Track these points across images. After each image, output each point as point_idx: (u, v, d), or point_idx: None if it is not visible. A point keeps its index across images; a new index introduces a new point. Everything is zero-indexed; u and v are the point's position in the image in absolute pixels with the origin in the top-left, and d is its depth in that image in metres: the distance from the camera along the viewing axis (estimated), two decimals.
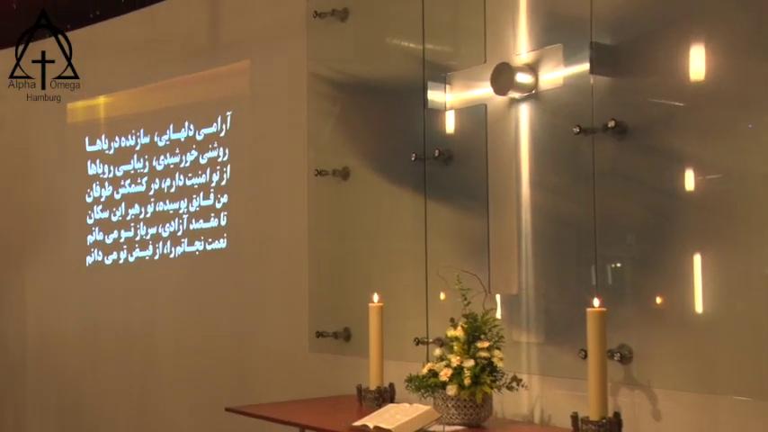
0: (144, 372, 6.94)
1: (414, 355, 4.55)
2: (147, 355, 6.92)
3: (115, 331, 7.20)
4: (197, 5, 6.58)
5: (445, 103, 4.69)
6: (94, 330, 7.39)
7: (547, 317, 4.19)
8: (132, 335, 7.04)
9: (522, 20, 4.32)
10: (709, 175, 3.63)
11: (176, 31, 6.75)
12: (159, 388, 6.82)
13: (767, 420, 3.35)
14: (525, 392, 4.09)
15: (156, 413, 6.83)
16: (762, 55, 3.44)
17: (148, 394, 6.90)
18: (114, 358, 7.21)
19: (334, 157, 5.36)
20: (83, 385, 7.45)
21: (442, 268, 4.39)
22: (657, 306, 3.75)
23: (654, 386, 3.70)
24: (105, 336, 7.30)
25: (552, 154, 4.19)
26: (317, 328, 5.36)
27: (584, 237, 4.01)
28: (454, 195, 4.65)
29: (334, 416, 4.16)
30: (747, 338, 3.45)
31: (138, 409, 6.95)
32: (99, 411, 7.31)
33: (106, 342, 7.29)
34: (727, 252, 3.55)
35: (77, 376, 7.50)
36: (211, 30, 6.50)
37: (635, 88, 3.87)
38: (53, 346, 7.74)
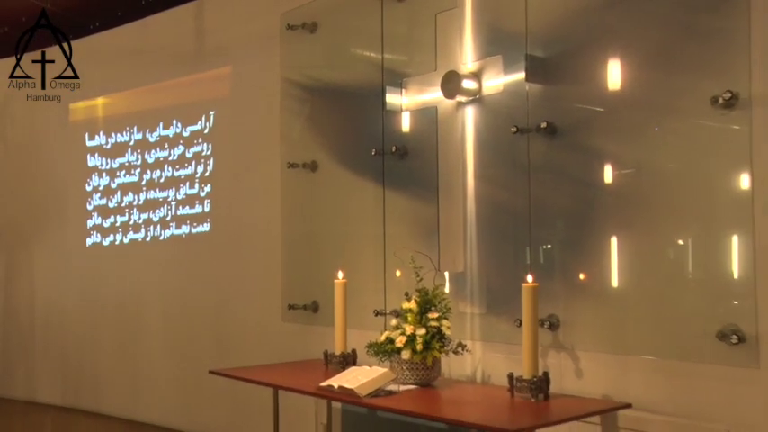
0: (136, 337, 6.94)
1: (373, 325, 4.59)
2: (139, 322, 6.92)
3: (111, 302, 7.20)
4: (184, 18, 6.55)
5: (401, 105, 4.72)
6: (93, 301, 7.38)
7: (488, 291, 4.24)
8: (126, 305, 7.05)
9: (467, 34, 4.36)
10: (624, 170, 3.71)
11: (166, 40, 6.73)
12: (149, 351, 6.82)
13: (667, 374, 3.47)
14: (469, 356, 4.16)
15: (146, 373, 6.83)
16: (666, 69, 3.54)
17: (139, 356, 6.90)
18: (110, 325, 7.20)
19: (304, 152, 5.37)
20: (83, 348, 7.44)
21: (399, 249, 4.49)
22: (581, 281, 3.83)
23: (577, 349, 3.80)
24: (102, 306, 7.29)
25: (493, 150, 4.23)
26: (288, 301, 5.39)
27: (519, 222, 4.05)
28: (409, 186, 4.67)
29: (303, 377, 4.17)
30: (653, 308, 3.56)
31: (131, 369, 6.95)
32: (97, 371, 7.30)
33: (103, 311, 7.28)
34: (638, 235, 3.64)
35: (78, 341, 7.50)
36: (197, 40, 6.47)
37: (563, 95, 3.92)
38: (57, 315, 7.73)
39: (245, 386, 4.47)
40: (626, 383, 3.61)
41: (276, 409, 4.48)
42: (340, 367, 4.22)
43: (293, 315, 5.35)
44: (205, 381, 4.77)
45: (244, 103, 6.07)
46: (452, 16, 4.42)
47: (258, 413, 5.15)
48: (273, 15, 5.62)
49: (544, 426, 3.37)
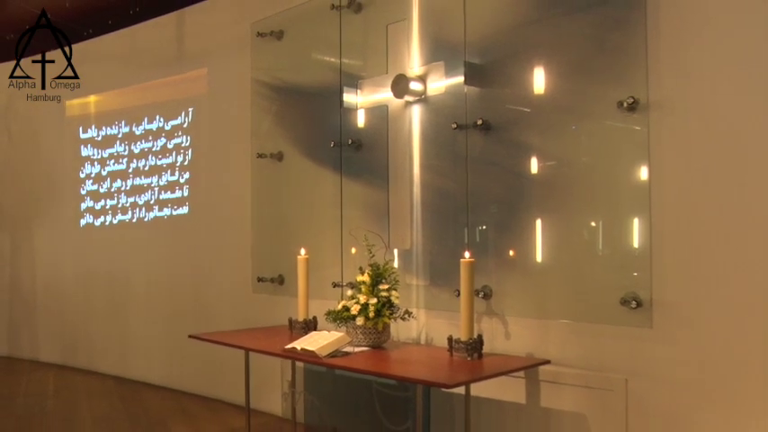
0: (124, 305, 6.91)
1: (332, 295, 4.65)
2: (127, 292, 6.89)
3: (102, 274, 7.16)
4: (167, 26, 6.48)
5: (356, 103, 4.74)
6: (87, 274, 7.33)
7: (431, 266, 4.28)
8: (115, 278, 7.01)
9: (414, 43, 4.39)
10: (547, 162, 3.79)
11: (151, 45, 6.67)
12: (136, 317, 6.79)
13: (579, 335, 3.59)
14: (415, 322, 4.22)
15: (134, 336, 6.81)
16: (581, 77, 3.61)
17: (128, 322, 6.87)
18: (102, 295, 7.15)
19: (272, 144, 5.38)
20: (78, 314, 7.38)
21: (354, 229, 4.53)
22: (510, 257, 3.90)
23: (506, 315, 3.89)
24: (95, 279, 7.24)
25: (436, 144, 4.27)
26: (257, 274, 5.42)
27: (458, 206, 4.10)
28: (363, 174, 4.70)
29: (271, 341, 4.17)
30: (569, 279, 3.66)
31: (120, 332, 6.92)
32: (91, 334, 7.26)
33: (95, 283, 7.23)
34: (558, 218, 3.72)
35: (74, 308, 7.43)
36: (178, 45, 6.42)
37: (497, 97, 3.97)
38: (56, 286, 7.66)
39: (220, 348, 4.46)
40: (546, 343, 3.71)
41: (247, 368, 4.50)
42: (303, 332, 4.22)
43: (262, 287, 5.38)
44: (185, 343, 4.77)
45: (219, 100, 6.04)
46: (402, 27, 4.45)
47: (232, 372, 5.18)
48: (245, 24, 5.62)
49: (478, 380, 3.46)
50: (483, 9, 4.01)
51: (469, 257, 3.68)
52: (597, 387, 3.50)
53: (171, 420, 5.28)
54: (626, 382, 3.41)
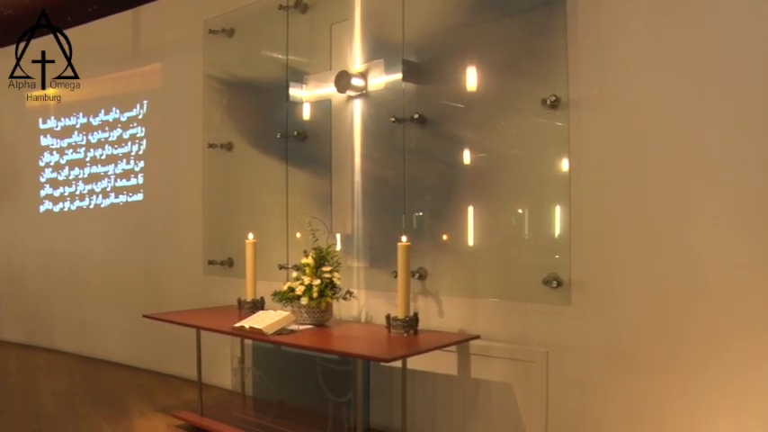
0: (83, 287, 6.71)
1: (278, 277, 4.61)
2: (85, 275, 6.69)
3: (62, 258, 6.93)
4: (123, 23, 6.31)
5: (302, 97, 4.69)
6: (47, 258, 7.09)
7: (371, 249, 4.28)
8: (74, 261, 6.80)
9: (356, 41, 4.37)
10: (478, 154, 3.81)
11: (108, 40, 6.46)
12: (94, 298, 6.60)
13: (506, 312, 3.64)
14: (355, 301, 4.23)
15: (92, 316, 6.62)
16: (508, 76, 3.64)
17: (86, 302, 6.67)
18: (61, 278, 6.94)
19: (222, 135, 5.29)
20: (40, 296, 7.15)
21: (299, 215, 4.52)
22: (444, 241, 3.92)
23: (440, 294, 3.91)
24: (54, 262, 7.01)
25: (376, 136, 4.26)
26: (208, 257, 5.34)
27: (397, 194, 4.09)
28: (308, 164, 4.66)
29: (221, 320, 4.14)
30: (497, 261, 3.69)
31: (79, 312, 6.72)
32: (51, 314, 7.03)
33: (55, 266, 7.00)
34: (488, 205, 3.75)
35: (36, 289, 7.21)
36: (133, 41, 6.25)
37: (432, 93, 3.97)
38: (18, 269, 7.41)
39: (173, 327, 4.41)
40: (476, 320, 3.74)
41: (199, 345, 4.46)
42: (251, 311, 4.21)
43: (212, 269, 5.30)
44: (141, 323, 4.69)
45: (172, 94, 5.90)
46: (345, 27, 4.43)
47: (185, 349, 5.08)
48: (198, 22, 5.49)
49: (413, 354, 3.50)
50: (420, 12, 4.01)
51: (406, 241, 3.69)
52: (521, 359, 3.55)
53: (128, 395, 5.20)
54: (547, 354, 3.48)
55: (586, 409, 3.37)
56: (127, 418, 4.58)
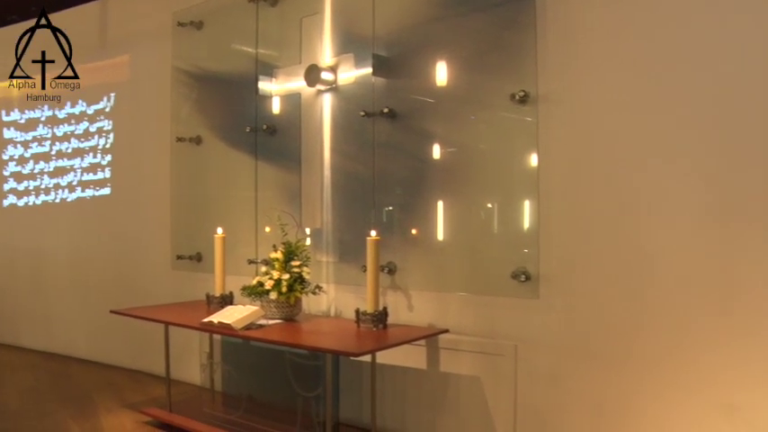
0: (48, 282, 6.57)
1: (247, 271, 4.57)
2: (51, 271, 6.55)
3: (27, 254, 6.78)
4: (91, 15, 6.20)
5: (271, 91, 4.65)
6: (11, 253, 6.93)
7: (340, 244, 4.27)
8: (39, 257, 6.66)
9: (326, 35, 4.34)
10: (448, 149, 3.81)
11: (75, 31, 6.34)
12: (60, 294, 6.46)
13: (475, 306, 3.65)
14: (325, 296, 4.21)
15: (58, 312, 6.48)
16: (478, 71, 3.64)
17: (52, 298, 6.53)
18: (27, 273, 6.78)
19: (191, 128, 5.21)
20: (4, 293, 6.97)
21: (268, 209, 4.47)
22: (414, 236, 3.91)
23: (409, 289, 3.91)
24: (20, 257, 6.85)
25: (346, 130, 4.24)
26: (177, 252, 5.27)
27: (366, 188, 4.08)
28: (277, 158, 4.62)
29: (189, 315, 4.10)
30: (466, 255, 3.70)
31: (45, 309, 6.58)
32: (15, 310, 6.87)
33: (21, 261, 6.84)
34: (457, 200, 3.75)
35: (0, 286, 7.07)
36: (101, 32, 6.14)
37: (402, 87, 3.96)
38: None
39: (142, 323, 4.35)
40: (445, 314, 3.75)
41: (167, 341, 4.39)
42: (219, 306, 4.17)
43: (181, 264, 5.23)
44: (109, 319, 4.60)
45: (140, 86, 5.78)
46: (315, 20, 4.39)
47: (153, 345, 5.01)
48: (166, 14, 5.40)
49: (383, 349, 3.50)
50: (390, 6, 3.99)
51: (375, 236, 3.69)
52: (490, 353, 3.56)
53: (96, 392, 5.12)
54: (516, 347, 3.49)
55: (554, 401, 3.39)
56: (94, 416, 4.51)
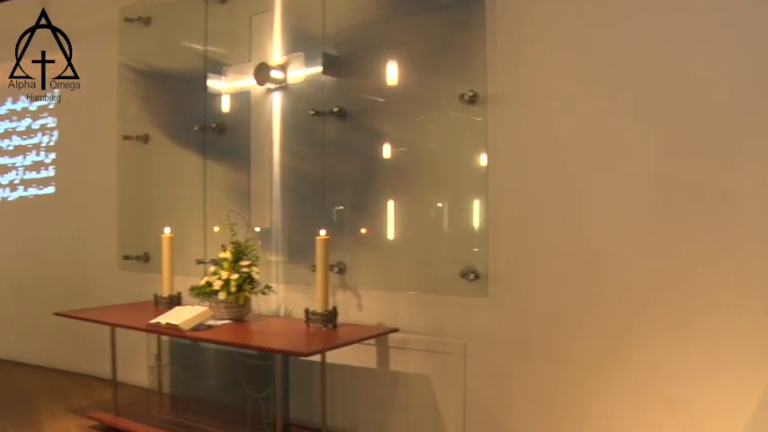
0: None
1: (196, 272, 4.51)
2: None
3: None
4: (32, 8, 6.02)
5: (220, 89, 4.59)
6: None
7: (290, 243, 4.24)
8: None
9: (276, 33, 4.30)
10: (398, 148, 3.81)
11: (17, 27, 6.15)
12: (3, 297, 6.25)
13: (424, 305, 3.66)
14: (274, 296, 4.17)
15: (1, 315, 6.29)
16: (428, 71, 3.65)
17: None
18: None
19: (138, 126, 5.11)
20: None
21: (217, 209, 4.41)
22: (364, 235, 3.91)
23: (359, 288, 3.90)
24: None
25: (295, 129, 4.21)
26: (123, 252, 5.16)
27: (316, 187, 4.06)
28: (226, 156, 4.57)
29: (136, 316, 4.01)
30: (416, 255, 3.71)
31: None
32: None
33: None
34: (407, 199, 3.76)
35: None
36: None
37: (352, 86, 3.95)
38: None
39: (88, 325, 4.24)
40: (395, 313, 3.75)
41: (113, 343, 4.30)
42: (167, 307, 4.11)
43: (128, 264, 5.12)
44: (54, 321, 4.46)
45: (85, 83, 5.58)
46: (265, 18, 4.35)
47: (100, 347, 4.91)
48: (112, 9, 5.27)
49: (332, 348, 3.49)
50: (341, 5, 3.98)
51: (325, 235, 3.67)
52: (440, 351, 3.57)
53: (39, 397, 4.97)
54: (465, 345, 3.51)
55: (503, 398, 3.42)
56: (37, 422, 4.37)
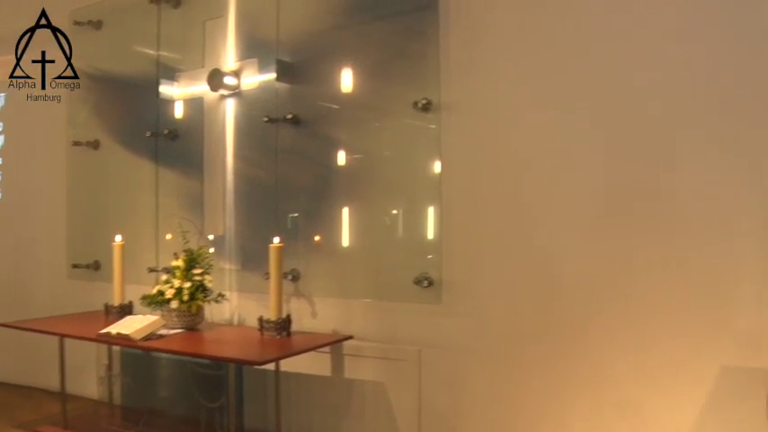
0: None
1: (148, 280, 4.43)
2: None
3: None
4: None
5: (173, 95, 4.53)
6: None
7: (243, 251, 4.20)
8: None
9: (230, 39, 4.26)
10: (353, 155, 3.81)
11: None
12: None
13: (379, 312, 3.67)
14: (228, 304, 4.12)
15: None
16: (382, 79, 3.66)
17: None
18: None
19: (88, 132, 5.00)
20: None
21: (169, 216, 4.35)
22: (318, 242, 3.89)
23: (313, 296, 3.89)
24: None
25: (249, 135, 4.18)
26: (73, 261, 5.03)
27: (270, 194, 4.03)
28: (178, 163, 4.50)
29: (86, 326, 3.92)
30: (371, 262, 3.71)
31: None
32: None
33: None
34: (362, 206, 3.76)
35: None
36: None
37: (306, 93, 3.94)
38: None
39: (35, 336, 4.11)
40: (349, 320, 3.74)
41: (62, 354, 4.20)
42: (118, 317, 4.02)
43: (77, 273, 4.99)
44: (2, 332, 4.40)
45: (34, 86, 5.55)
46: (219, 24, 4.31)
47: (48, 358, 4.76)
48: (62, 12, 5.10)
49: (286, 356, 3.45)
50: (295, 12, 3.96)
51: (278, 242, 3.65)
52: (394, 358, 3.58)
53: None
54: (419, 352, 3.52)
55: (458, 404, 3.44)
56: None
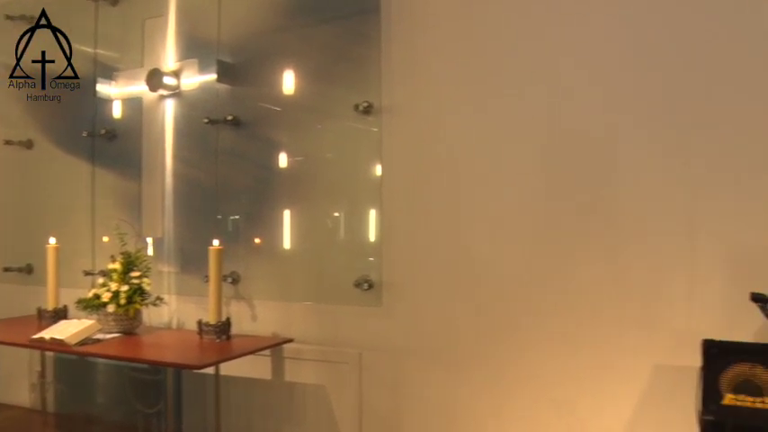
0: None
1: (83, 284, 4.29)
2: None
3: None
4: None
5: (111, 94, 4.43)
6: None
7: (182, 253, 4.14)
8: None
9: (170, 39, 4.20)
10: (294, 157, 3.80)
11: None
12: None
13: (319, 315, 3.66)
14: (166, 307, 4.06)
15: None
16: (324, 82, 3.68)
17: None
18: None
19: (21, 131, 4.85)
20: None
21: (106, 218, 4.27)
22: (258, 245, 3.88)
23: (253, 298, 3.86)
24: None
25: (189, 136, 4.13)
26: (4, 264, 4.86)
27: (209, 196, 3.99)
28: (116, 164, 4.40)
29: (18, 332, 3.79)
30: (311, 265, 3.71)
31: None
32: None
33: None
34: (304, 208, 3.76)
35: None
36: None
37: (247, 95, 3.92)
38: None
39: None
40: (290, 323, 3.73)
41: None
42: (52, 321, 3.89)
43: (8, 276, 4.82)
44: None
45: None
46: (158, 23, 4.23)
47: None
48: None
49: (226, 360, 3.40)
50: (237, 12, 3.93)
51: (218, 245, 3.61)
52: (335, 361, 3.57)
53: None
54: (360, 355, 3.52)
55: (399, 407, 3.46)
56: None
